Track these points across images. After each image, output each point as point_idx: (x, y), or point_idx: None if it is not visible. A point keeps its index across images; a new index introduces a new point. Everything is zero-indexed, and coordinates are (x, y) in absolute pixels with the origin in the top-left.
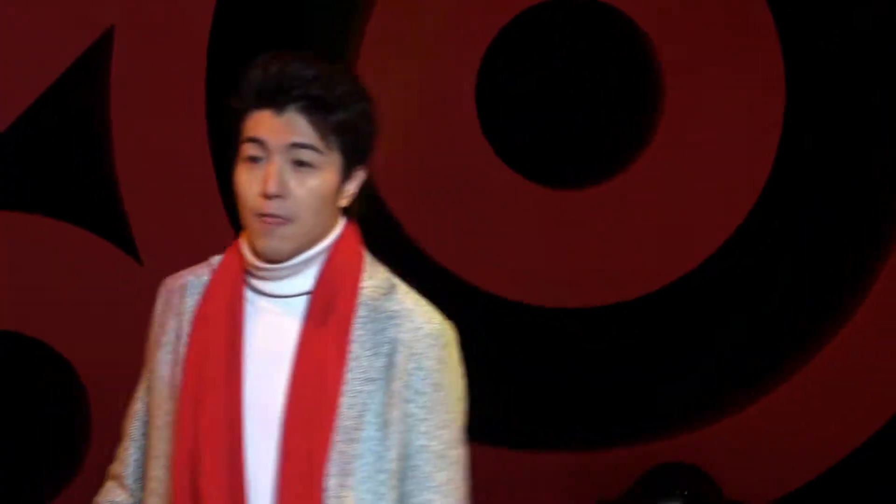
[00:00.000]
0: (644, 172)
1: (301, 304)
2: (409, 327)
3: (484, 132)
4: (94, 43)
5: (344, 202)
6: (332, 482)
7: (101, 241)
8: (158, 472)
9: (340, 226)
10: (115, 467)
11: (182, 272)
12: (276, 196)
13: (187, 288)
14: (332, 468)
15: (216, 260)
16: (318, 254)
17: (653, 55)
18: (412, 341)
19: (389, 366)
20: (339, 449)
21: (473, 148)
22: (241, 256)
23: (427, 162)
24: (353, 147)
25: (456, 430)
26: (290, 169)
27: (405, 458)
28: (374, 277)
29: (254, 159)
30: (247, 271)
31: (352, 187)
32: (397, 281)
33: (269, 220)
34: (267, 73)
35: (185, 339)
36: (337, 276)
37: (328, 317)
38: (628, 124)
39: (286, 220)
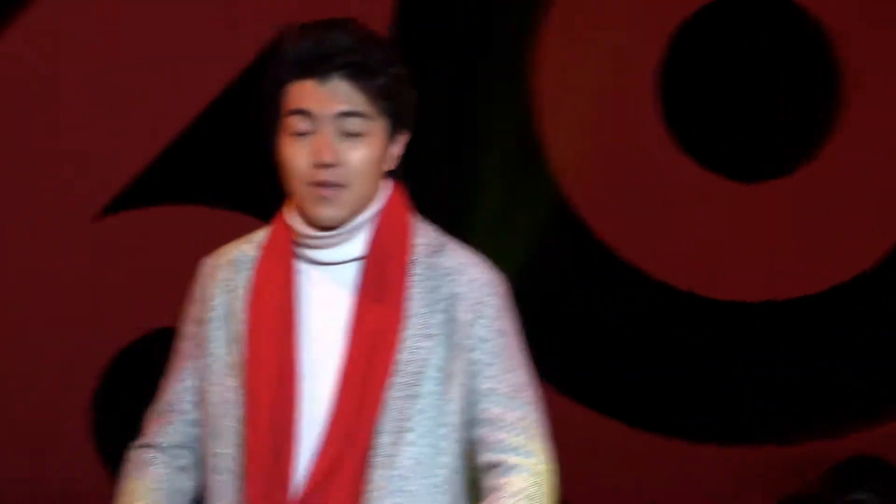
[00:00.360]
0: (827, 166)
1: (353, 269)
2: (465, 280)
3: (666, 126)
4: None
5: (389, 166)
6: (384, 439)
7: None
8: (227, 449)
9: (387, 189)
10: (152, 437)
11: (222, 249)
12: (331, 165)
13: (236, 264)
14: (386, 426)
15: (259, 236)
16: (368, 219)
17: (834, 50)
18: (471, 293)
19: (449, 321)
20: (396, 406)
21: (656, 142)
22: (287, 229)
23: (610, 157)
24: (397, 110)
25: (523, 374)
26: (340, 137)
27: (473, 404)
28: (425, 236)
29: (301, 132)
30: (296, 242)
31: (396, 151)
32: (447, 238)
33: (325, 189)
34: (305, 44)
35: (239, 315)
36: (387, 238)
37: (382, 279)
38: (810, 119)
39: (341, 186)
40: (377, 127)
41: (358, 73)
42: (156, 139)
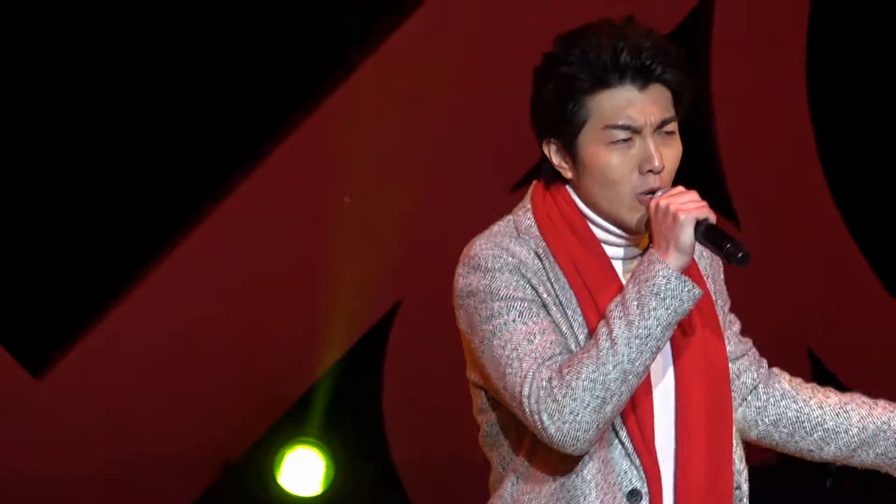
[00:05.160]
0: None
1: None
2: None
3: None
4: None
5: None
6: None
7: None
8: None
9: None
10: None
11: (492, 238)
12: (661, 170)
13: (533, 255)
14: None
15: (511, 227)
16: None
17: None
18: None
19: (714, 280)
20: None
21: None
22: (576, 216)
23: None
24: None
25: None
26: (660, 139)
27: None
28: None
29: (621, 139)
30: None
31: None
32: None
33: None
34: (617, 50)
35: (573, 306)
36: None
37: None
38: None
39: (661, 189)
40: (677, 124)
41: (677, 81)
42: None
